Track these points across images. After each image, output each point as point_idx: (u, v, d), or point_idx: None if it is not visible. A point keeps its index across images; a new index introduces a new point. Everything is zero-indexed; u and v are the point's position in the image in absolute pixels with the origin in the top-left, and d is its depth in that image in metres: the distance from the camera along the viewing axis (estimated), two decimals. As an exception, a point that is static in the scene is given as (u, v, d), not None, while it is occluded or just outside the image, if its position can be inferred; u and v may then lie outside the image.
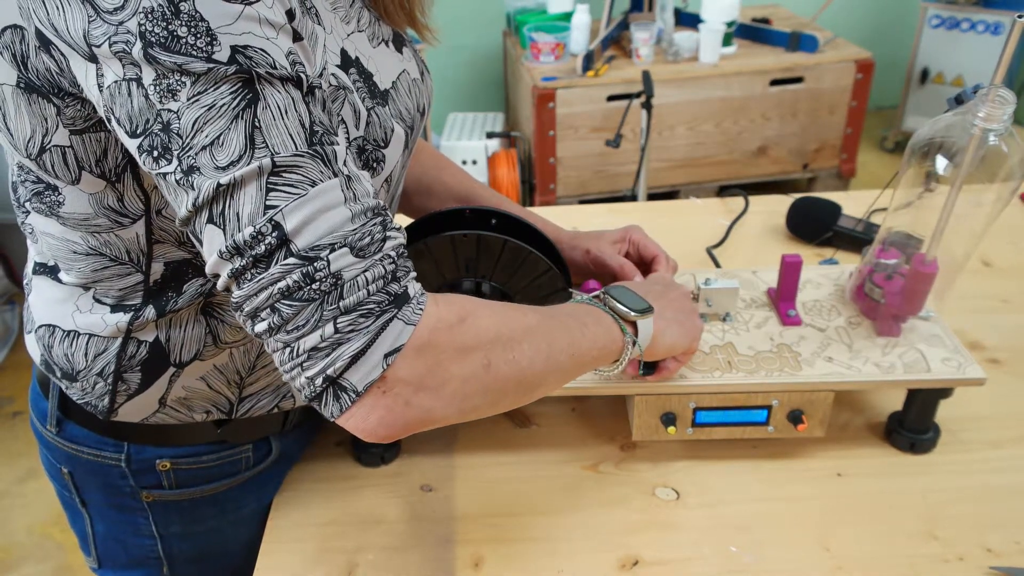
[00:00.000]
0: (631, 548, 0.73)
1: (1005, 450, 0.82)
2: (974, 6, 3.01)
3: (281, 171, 0.47)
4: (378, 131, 0.60)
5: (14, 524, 1.92)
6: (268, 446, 0.76)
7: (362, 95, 0.59)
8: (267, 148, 0.47)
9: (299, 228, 0.47)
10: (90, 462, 0.72)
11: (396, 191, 0.72)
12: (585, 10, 2.85)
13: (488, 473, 0.81)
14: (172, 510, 0.75)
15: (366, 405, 0.49)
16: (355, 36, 0.61)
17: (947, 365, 0.78)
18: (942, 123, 0.76)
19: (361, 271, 0.48)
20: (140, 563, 0.78)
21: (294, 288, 0.47)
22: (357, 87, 0.59)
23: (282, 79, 0.47)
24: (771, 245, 1.18)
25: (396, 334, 0.49)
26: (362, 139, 0.59)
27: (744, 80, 2.77)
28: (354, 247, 0.48)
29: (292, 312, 0.47)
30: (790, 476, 0.80)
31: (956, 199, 0.73)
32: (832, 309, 0.87)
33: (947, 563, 0.70)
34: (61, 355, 0.67)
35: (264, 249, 0.47)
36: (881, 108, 3.69)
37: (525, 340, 0.55)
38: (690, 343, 0.73)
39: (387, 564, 0.72)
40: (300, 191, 0.47)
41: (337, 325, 0.47)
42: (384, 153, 0.61)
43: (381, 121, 0.60)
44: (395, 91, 0.64)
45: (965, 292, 1.02)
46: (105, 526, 0.77)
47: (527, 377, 0.56)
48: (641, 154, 2.32)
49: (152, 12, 0.45)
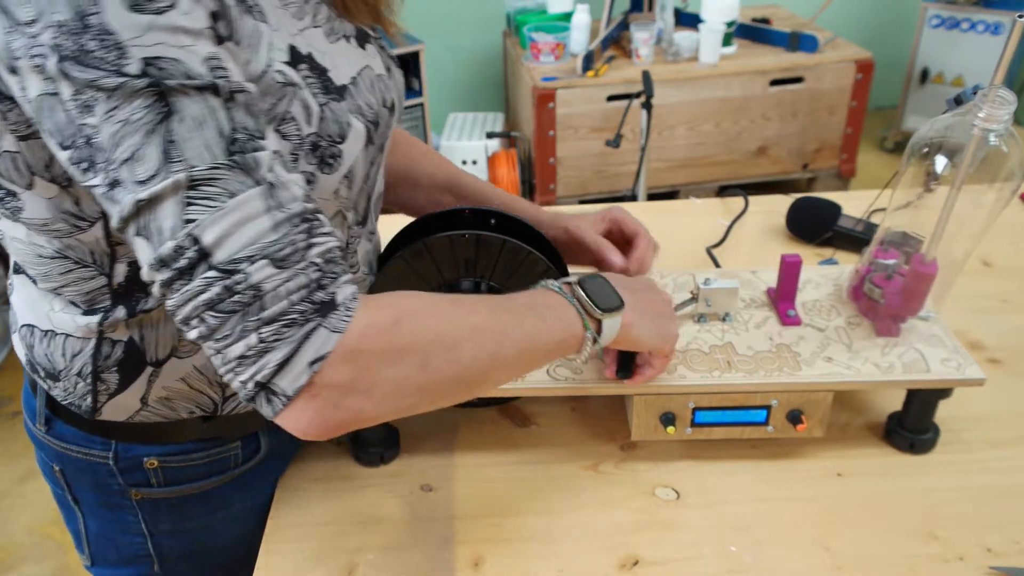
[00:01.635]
0: (631, 548, 0.73)
1: (1005, 450, 0.82)
2: (974, 6, 3.01)
3: (199, 184, 0.47)
4: (332, 127, 0.60)
5: (14, 524, 1.92)
6: (257, 443, 0.76)
7: (314, 91, 0.58)
8: (183, 162, 0.47)
9: (218, 241, 0.47)
10: (79, 460, 0.73)
11: (371, 188, 0.71)
12: (585, 10, 2.85)
13: (488, 473, 0.81)
14: (161, 508, 0.75)
15: (297, 408, 0.50)
16: (309, 32, 0.60)
17: (947, 365, 0.78)
18: (942, 123, 0.76)
19: (282, 281, 0.49)
20: (131, 561, 0.78)
21: (216, 300, 0.48)
22: (308, 83, 0.58)
23: (198, 88, 0.47)
24: (771, 245, 1.18)
25: (321, 342, 0.49)
26: (315, 135, 0.58)
27: (744, 80, 2.77)
28: (275, 258, 0.48)
29: (217, 323, 0.49)
30: (790, 476, 0.80)
31: (956, 199, 0.73)
32: (832, 309, 0.87)
33: (947, 563, 0.70)
34: (42, 355, 0.68)
35: (185, 263, 0.47)
36: (881, 108, 3.69)
37: (470, 339, 0.56)
38: (661, 344, 0.72)
39: (387, 564, 0.72)
40: (218, 204, 0.47)
41: (261, 335, 0.48)
42: (340, 149, 0.61)
43: (336, 116, 0.60)
44: (355, 86, 0.63)
45: (965, 292, 1.02)
46: (97, 524, 0.78)
47: (469, 375, 0.57)
48: (641, 154, 2.32)
49: (63, 26, 0.45)
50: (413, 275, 0.77)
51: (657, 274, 0.94)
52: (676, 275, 0.94)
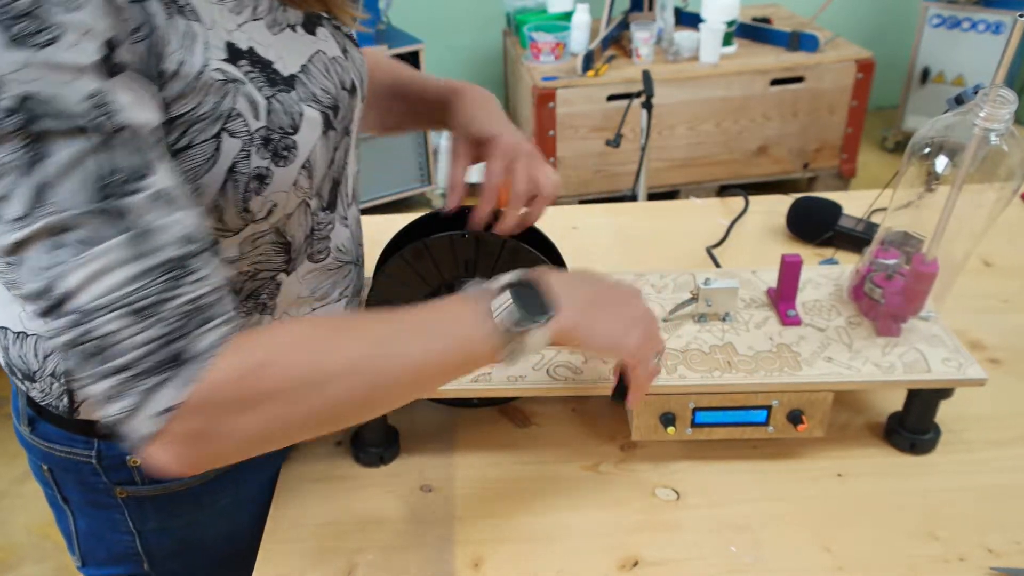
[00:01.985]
0: (631, 548, 0.73)
1: (1006, 450, 0.82)
2: (975, 5, 3.01)
3: (66, 230, 0.47)
4: (283, 118, 0.59)
5: (13, 524, 1.92)
6: None
7: (259, 84, 0.58)
8: (53, 205, 0.46)
9: (77, 289, 0.47)
10: (64, 459, 0.73)
11: (338, 173, 0.70)
12: (585, 9, 2.85)
13: (488, 473, 0.81)
14: (147, 505, 0.75)
15: (152, 451, 0.51)
16: (249, 26, 0.60)
17: (947, 365, 0.77)
18: (943, 123, 0.76)
19: (136, 332, 0.49)
20: (121, 560, 0.78)
21: (69, 345, 0.49)
22: (251, 77, 0.57)
23: (73, 129, 0.46)
24: (771, 245, 1.18)
25: (171, 394, 0.49)
26: (266, 128, 0.58)
27: (744, 80, 2.77)
28: (133, 308, 0.48)
29: (72, 365, 0.50)
30: (790, 476, 0.80)
31: (956, 199, 0.73)
32: (832, 309, 0.87)
33: (948, 563, 0.70)
34: (17, 356, 0.67)
35: (47, 305, 0.48)
36: (881, 108, 3.68)
37: (344, 374, 0.54)
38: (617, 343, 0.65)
39: (386, 564, 0.72)
40: (82, 251, 0.47)
41: (110, 383, 0.49)
42: (295, 139, 0.60)
43: (286, 107, 0.59)
44: (306, 74, 0.62)
45: (965, 292, 1.01)
46: (86, 523, 0.78)
47: (346, 408, 0.56)
48: (641, 154, 2.31)
49: None
50: (413, 275, 0.77)
51: (658, 274, 0.94)
52: (676, 275, 0.94)
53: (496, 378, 0.78)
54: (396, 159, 2.99)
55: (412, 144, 3.00)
